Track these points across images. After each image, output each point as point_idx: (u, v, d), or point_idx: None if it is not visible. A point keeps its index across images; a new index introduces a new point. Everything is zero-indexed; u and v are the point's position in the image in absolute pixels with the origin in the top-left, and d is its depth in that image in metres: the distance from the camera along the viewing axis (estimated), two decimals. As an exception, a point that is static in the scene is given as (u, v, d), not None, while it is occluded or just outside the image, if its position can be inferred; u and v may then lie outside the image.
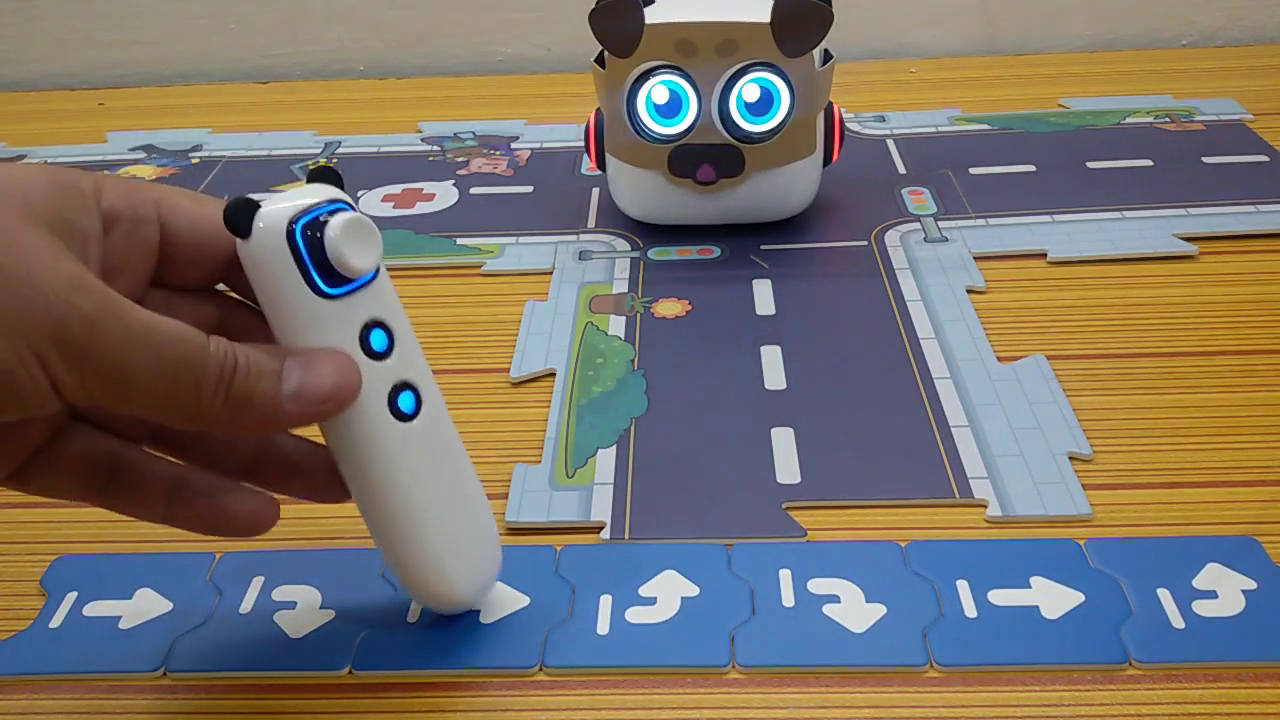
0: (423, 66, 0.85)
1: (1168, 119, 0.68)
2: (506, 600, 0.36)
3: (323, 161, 0.30)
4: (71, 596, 0.37)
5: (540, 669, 0.33)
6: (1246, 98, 0.70)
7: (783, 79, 0.51)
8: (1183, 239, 0.54)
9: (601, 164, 0.57)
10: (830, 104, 0.55)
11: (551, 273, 0.55)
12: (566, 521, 0.39)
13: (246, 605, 0.36)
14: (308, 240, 0.28)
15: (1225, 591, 0.34)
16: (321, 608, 0.36)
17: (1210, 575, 0.35)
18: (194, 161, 0.70)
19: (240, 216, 0.28)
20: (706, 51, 0.51)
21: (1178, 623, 0.33)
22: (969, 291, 0.51)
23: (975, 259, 0.54)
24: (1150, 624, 0.34)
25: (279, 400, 0.28)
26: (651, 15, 0.51)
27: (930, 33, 0.83)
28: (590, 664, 0.33)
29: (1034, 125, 0.68)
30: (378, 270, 0.30)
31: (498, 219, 0.61)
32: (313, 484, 0.32)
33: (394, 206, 0.62)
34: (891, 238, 0.56)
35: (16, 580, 0.38)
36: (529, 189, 0.64)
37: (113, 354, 0.26)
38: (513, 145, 0.70)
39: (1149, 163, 0.62)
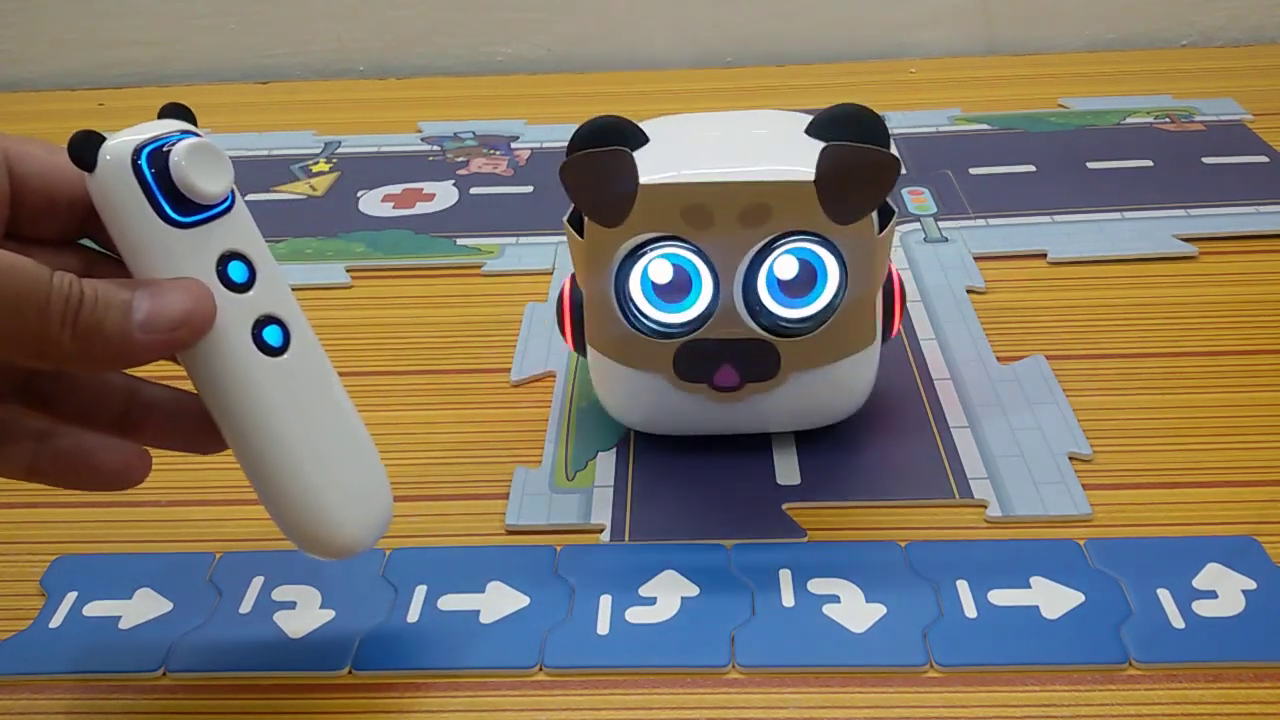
0: (423, 66, 0.85)
1: (1168, 119, 0.68)
2: (506, 600, 0.36)
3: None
4: (71, 596, 0.37)
5: (540, 669, 0.33)
6: (1246, 98, 0.70)
7: (831, 251, 0.37)
8: (1183, 239, 0.54)
9: (580, 349, 0.42)
10: (890, 272, 0.41)
11: (552, 273, 0.55)
12: (566, 524, 0.39)
13: (246, 605, 0.36)
14: (154, 167, 0.28)
15: (1225, 591, 0.34)
16: (321, 608, 0.36)
17: (1210, 575, 0.35)
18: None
19: (84, 149, 0.28)
20: (726, 220, 0.36)
21: (1178, 623, 0.33)
22: (969, 292, 0.51)
23: (975, 259, 0.54)
24: (1150, 624, 0.34)
25: (129, 330, 0.27)
26: (648, 167, 0.36)
27: (930, 33, 0.83)
28: (590, 664, 0.33)
29: (1034, 125, 0.68)
30: (233, 202, 0.30)
31: (498, 219, 0.61)
32: (186, 433, 0.32)
33: (394, 206, 0.62)
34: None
35: (16, 580, 0.38)
36: (529, 189, 0.64)
37: None
38: (513, 145, 0.70)
39: (1149, 163, 0.62)
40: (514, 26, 0.84)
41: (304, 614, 0.36)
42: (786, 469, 0.41)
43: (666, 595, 0.35)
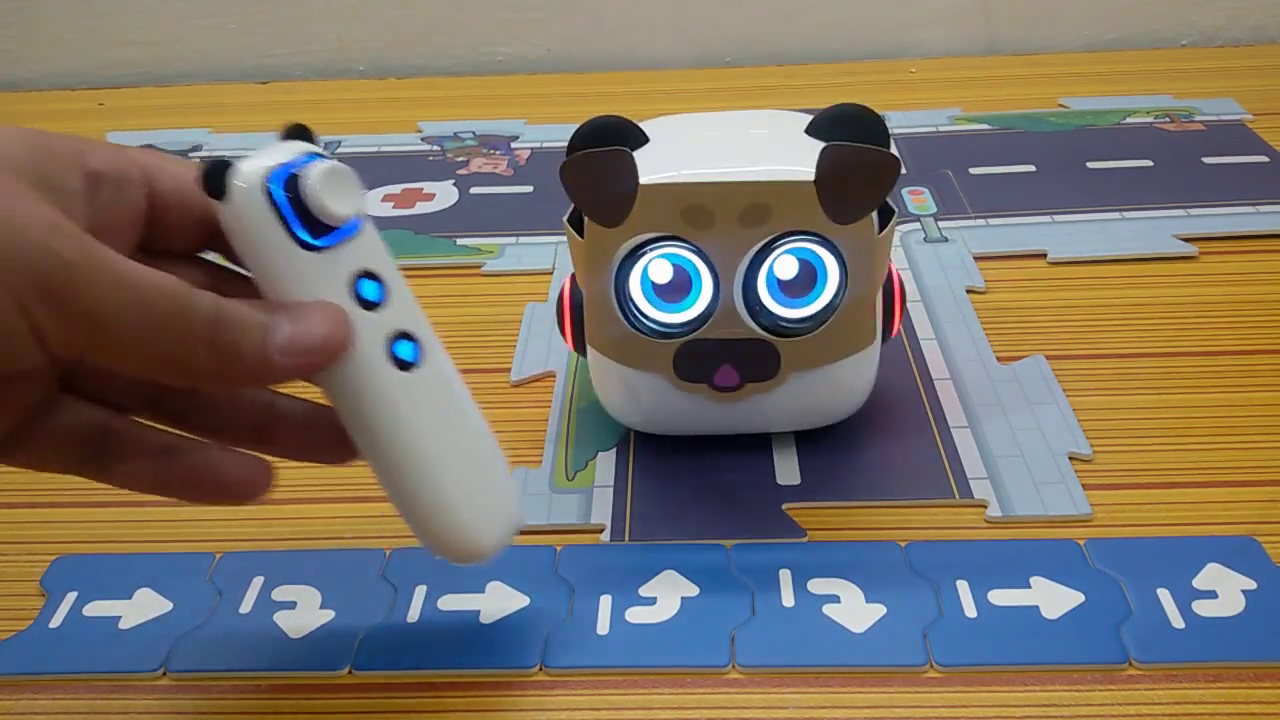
0: (423, 66, 0.85)
1: (1168, 119, 0.68)
2: (506, 600, 0.36)
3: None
4: (71, 596, 0.37)
5: (540, 669, 0.33)
6: (1246, 98, 0.70)
7: (830, 251, 0.37)
8: (1183, 239, 0.54)
9: (580, 349, 0.42)
10: (890, 272, 0.41)
11: (552, 273, 0.55)
12: (567, 524, 0.39)
13: (246, 605, 0.36)
14: (287, 192, 0.28)
15: (1225, 591, 0.34)
16: (321, 608, 0.36)
17: (1210, 575, 0.35)
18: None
19: (215, 178, 0.28)
20: (726, 219, 0.36)
21: (1178, 623, 0.33)
22: (969, 291, 0.51)
23: (975, 259, 0.54)
24: (1150, 624, 0.34)
25: (268, 352, 0.27)
26: (648, 167, 0.36)
27: (930, 33, 0.83)
28: (590, 664, 0.33)
29: (1034, 125, 0.68)
30: (363, 222, 0.30)
31: (498, 219, 0.61)
32: (319, 445, 0.32)
33: (394, 206, 0.62)
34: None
35: (16, 580, 0.38)
36: (529, 189, 0.64)
37: (93, 300, 0.25)
38: (513, 145, 0.70)
39: (1149, 163, 0.62)
40: (514, 26, 0.84)
41: (304, 614, 0.36)
42: (786, 469, 0.41)
43: (666, 595, 0.35)
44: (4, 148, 0.26)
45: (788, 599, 0.35)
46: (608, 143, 0.36)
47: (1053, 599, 0.35)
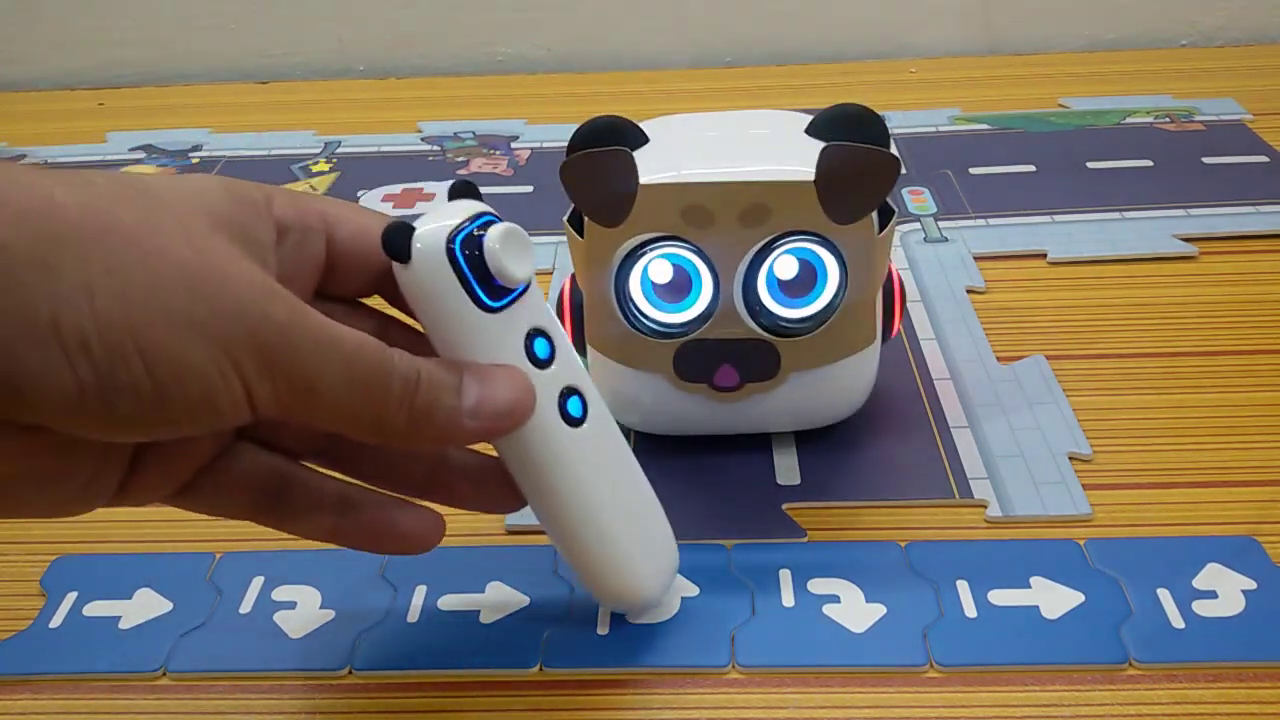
0: (423, 66, 0.85)
1: (1168, 119, 0.68)
2: (506, 600, 0.36)
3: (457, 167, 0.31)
4: (71, 596, 0.37)
5: (540, 669, 0.33)
6: (1246, 98, 0.70)
7: (831, 251, 0.37)
8: (1182, 239, 0.54)
9: (580, 349, 0.40)
10: (890, 272, 0.41)
11: (552, 273, 0.55)
12: (566, 522, 0.39)
13: (246, 605, 0.36)
14: (468, 256, 0.28)
15: (1225, 591, 0.34)
16: (321, 607, 0.36)
17: (1210, 575, 0.35)
18: (194, 161, 0.70)
19: (398, 242, 0.28)
20: (726, 219, 0.36)
21: (1178, 623, 0.34)
22: (969, 292, 0.51)
23: (975, 259, 0.54)
24: (1150, 624, 0.34)
25: (459, 415, 0.28)
26: (648, 167, 0.36)
27: (930, 33, 0.83)
28: (590, 664, 0.33)
29: (1034, 125, 0.68)
30: (531, 280, 0.30)
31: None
32: (486, 495, 0.32)
33: (394, 206, 0.62)
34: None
35: (16, 580, 0.38)
36: (529, 189, 0.64)
37: (304, 363, 0.25)
38: (513, 145, 0.70)
39: (1149, 163, 0.62)
40: (514, 26, 0.84)
41: (304, 614, 0.36)
42: (786, 469, 0.41)
43: (666, 595, 0.35)
44: (208, 201, 0.26)
45: (788, 599, 0.35)
46: (607, 143, 0.36)
47: (1053, 599, 0.35)
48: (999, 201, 0.59)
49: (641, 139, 0.38)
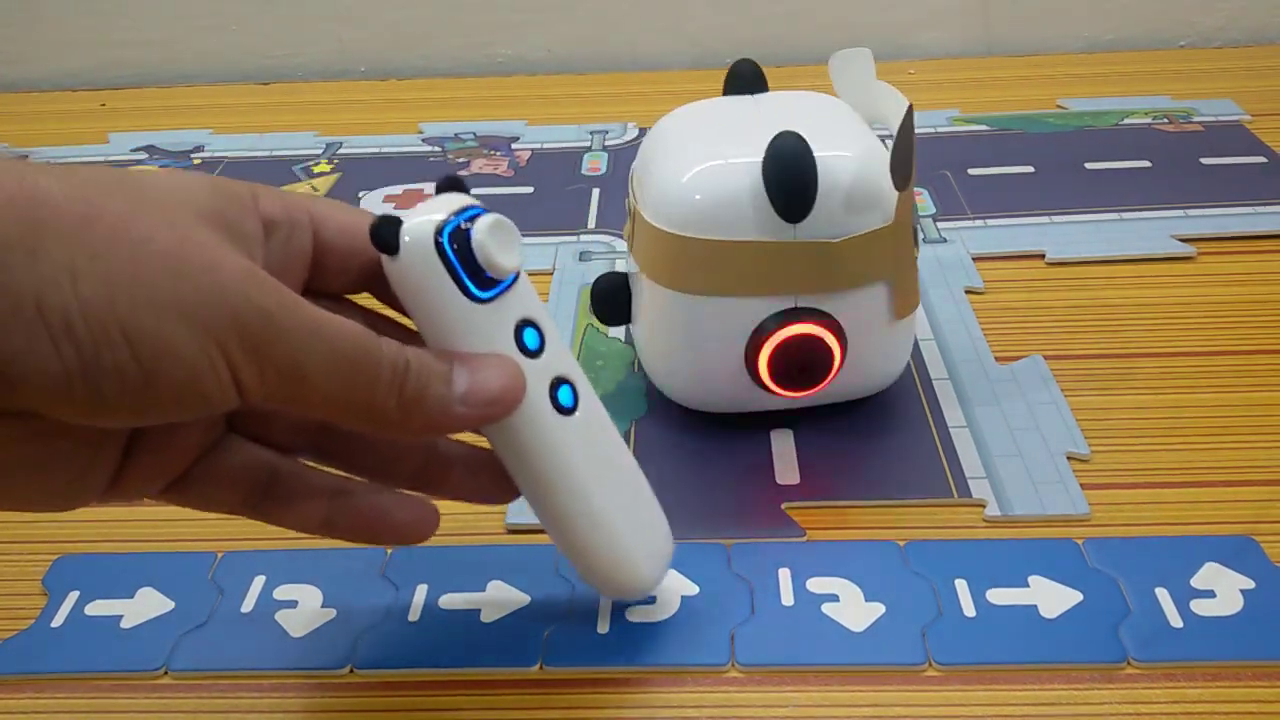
0: (424, 68, 0.86)
1: (1166, 120, 0.68)
2: (507, 599, 0.36)
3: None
4: (73, 596, 0.37)
5: (540, 668, 0.33)
6: (1245, 99, 0.70)
7: None
8: (1181, 240, 0.54)
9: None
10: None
11: (552, 273, 0.55)
12: (567, 521, 0.39)
13: (248, 604, 0.36)
14: (456, 247, 0.28)
15: (1223, 591, 0.35)
16: (323, 606, 0.36)
17: (1208, 575, 0.35)
18: (195, 162, 0.70)
19: (386, 234, 0.28)
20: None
21: (1176, 622, 0.34)
22: (968, 292, 0.51)
23: (974, 260, 0.54)
24: (1149, 623, 0.34)
25: (450, 402, 0.28)
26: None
27: (930, 33, 0.83)
28: (590, 663, 0.33)
29: (1032, 126, 0.68)
30: (519, 270, 0.30)
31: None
32: (478, 487, 0.32)
33: (395, 207, 0.62)
34: (891, 238, 0.56)
35: (18, 580, 0.38)
36: (529, 189, 0.64)
37: (290, 348, 0.25)
38: (513, 146, 0.70)
39: (1147, 164, 0.62)
40: (514, 27, 0.84)
41: (305, 613, 0.36)
42: (786, 468, 0.41)
43: (666, 594, 0.36)
44: (190, 194, 0.26)
45: (787, 598, 0.35)
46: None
47: (1051, 598, 0.35)
48: (998, 202, 0.59)
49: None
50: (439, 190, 0.30)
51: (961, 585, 0.35)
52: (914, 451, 0.41)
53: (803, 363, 0.40)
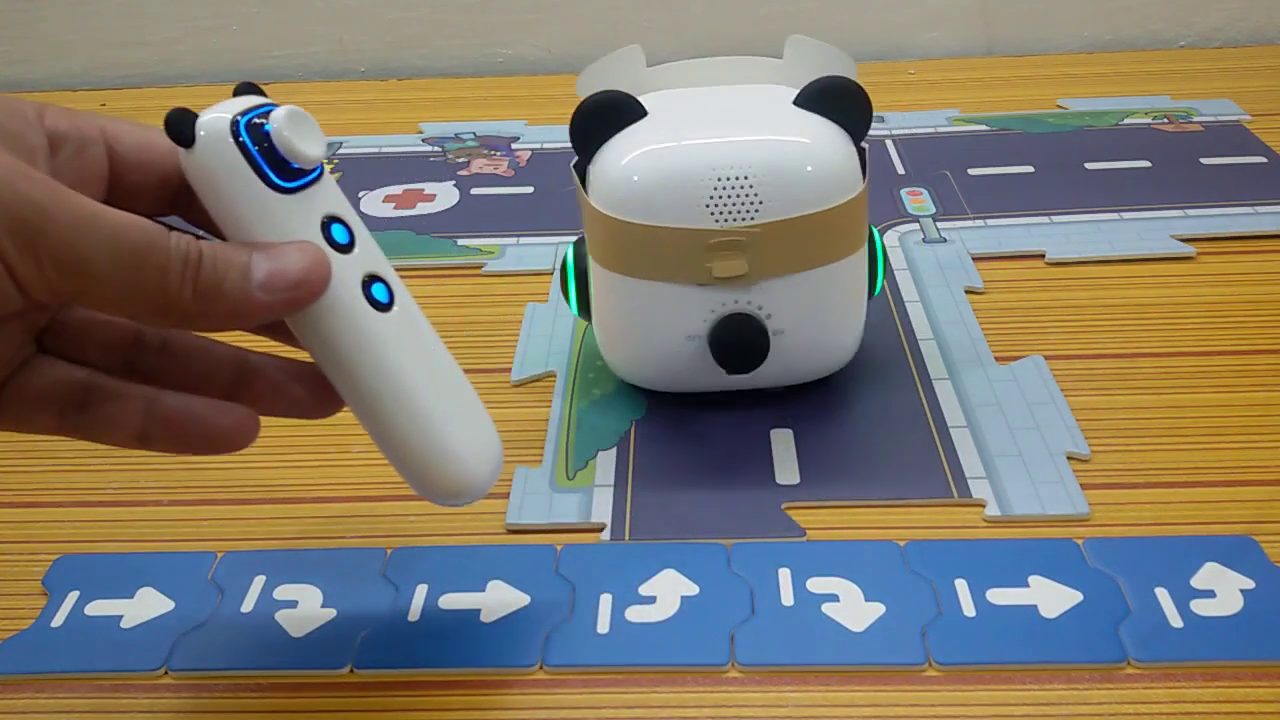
0: (423, 68, 0.86)
1: (1166, 120, 0.68)
2: (507, 599, 0.36)
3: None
4: (73, 596, 0.37)
5: (540, 668, 0.34)
6: (1245, 99, 0.70)
7: None
8: (1180, 240, 0.54)
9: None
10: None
11: (553, 273, 0.55)
12: (567, 523, 0.39)
13: (248, 604, 0.36)
14: (254, 135, 0.28)
15: (1223, 591, 0.35)
16: (323, 607, 0.36)
17: (1208, 575, 0.35)
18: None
19: (181, 125, 0.28)
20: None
21: (1176, 622, 0.34)
22: (967, 292, 0.51)
23: (974, 259, 0.54)
24: (1148, 623, 0.34)
25: (249, 290, 0.28)
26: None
27: (929, 33, 0.83)
28: (590, 663, 0.33)
29: (1032, 126, 0.68)
30: (323, 169, 0.30)
31: (499, 220, 0.61)
32: (296, 400, 0.32)
33: (395, 207, 0.63)
34: (890, 238, 0.56)
35: (18, 580, 0.38)
36: (530, 189, 0.64)
37: (67, 239, 0.25)
38: (513, 146, 0.70)
39: (1147, 164, 0.62)
40: (514, 27, 0.85)
41: (305, 613, 0.36)
42: (786, 468, 0.41)
43: (666, 594, 0.36)
44: None
45: (787, 598, 0.35)
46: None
47: (1051, 598, 0.35)
48: (997, 202, 0.59)
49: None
50: (236, 94, 0.30)
51: (961, 585, 0.35)
52: (914, 451, 0.41)
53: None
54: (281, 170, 0.29)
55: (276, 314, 0.29)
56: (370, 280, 0.30)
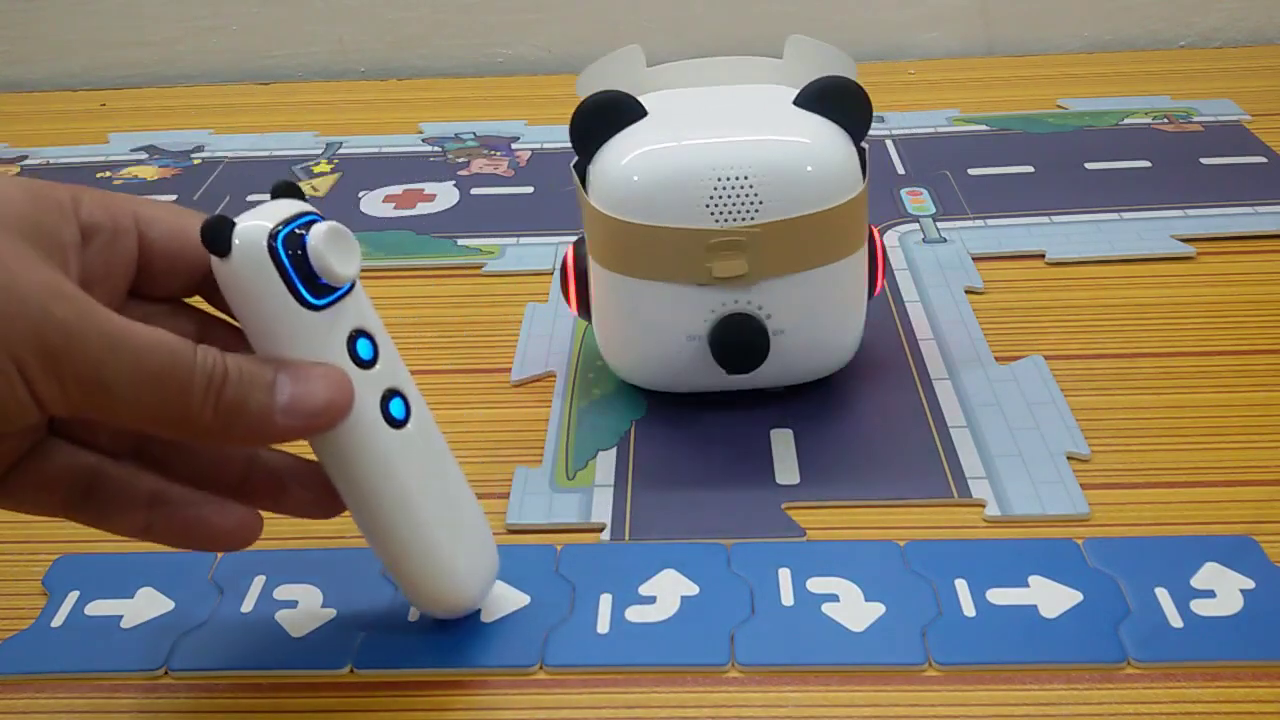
0: (423, 67, 0.86)
1: (1166, 120, 0.68)
2: (507, 599, 0.36)
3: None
4: (73, 596, 0.37)
5: (540, 668, 0.34)
6: (1244, 99, 0.70)
7: None
8: (1180, 240, 0.54)
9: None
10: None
11: (552, 273, 0.55)
12: (567, 523, 0.39)
13: (248, 604, 0.36)
14: (290, 252, 0.28)
15: (1223, 591, 0.35)
16: (323, 607, 0.36)
17: (1208, 575, 0.35)
18: (196, 162, 0.70)
19: (218, 235, 0.28)
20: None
21: (1176, 622, 0.34)
22: (967, 292, 0.51)
23: (974, 259, 0.54)
24: (1148, 623, 0.34)
25: (271, 412, 0.28)
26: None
27: (929, 33, 0.83)
28: (590, 663, 0.34)
29: (1032, 126, 0.68)
30: (355, 280, 0.30)
31: (499, 220, 0.61)
32: (302, 500, 0.32)
33: (395, 207, 0.63)
34: (890, 238, 0.56)
35: (18, 579, 0.38)
36: (529, 189, 0.64)
37: (92, 362, 0.25)
38: (513, 146, 0.70)
39: (1147, 164, 0.62)
40: (514, 27, 0.85)
41: (305, 613, 0.36)
42: (786, 468, 0.41)
43: (666, 594, 0.36)
44: (3, 203, 0.26)
45: (787, 598, 0.35)
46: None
47: (1051, 598, 0.35)
48: (997, 202, 0.59)
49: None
50: (274, 195, 0.30)
51: (961, 585, 0.35)
52: (914, 451, 0.41)
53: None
54: (314, 288, 0.28)
55: (295, 438, 0.29)
56: (389, 395, 0.30)
